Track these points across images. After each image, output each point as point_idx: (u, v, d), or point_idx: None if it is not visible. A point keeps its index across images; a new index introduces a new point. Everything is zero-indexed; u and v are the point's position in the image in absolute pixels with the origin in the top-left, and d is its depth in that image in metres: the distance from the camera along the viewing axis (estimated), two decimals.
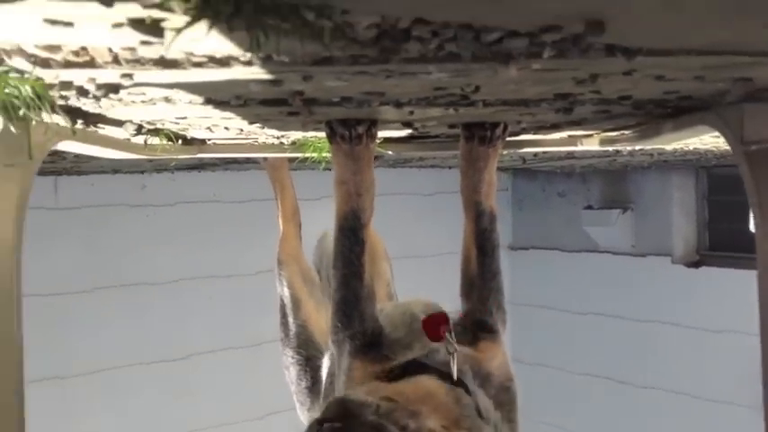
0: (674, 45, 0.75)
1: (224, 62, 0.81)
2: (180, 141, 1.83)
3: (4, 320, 1.11)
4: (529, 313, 6.06)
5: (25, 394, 1.07)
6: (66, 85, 0.89)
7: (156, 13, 0.58)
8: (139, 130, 1.54)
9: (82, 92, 0.94)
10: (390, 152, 1.98)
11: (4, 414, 1.07)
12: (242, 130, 1.68)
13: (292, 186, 2.45)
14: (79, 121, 1.30)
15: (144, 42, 0.69)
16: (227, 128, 1.62)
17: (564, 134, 1.83)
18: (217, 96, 1.09)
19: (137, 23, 0.60)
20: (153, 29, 0.60)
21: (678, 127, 1.36)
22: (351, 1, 0.58)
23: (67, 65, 0.79)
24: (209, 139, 1.92)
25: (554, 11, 0.62)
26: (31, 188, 1.18)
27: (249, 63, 0.80)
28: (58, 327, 4.22)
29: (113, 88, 0.93)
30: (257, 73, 0.84)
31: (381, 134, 1.62)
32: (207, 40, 0.63)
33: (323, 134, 1.69)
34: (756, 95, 1.10)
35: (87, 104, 1.14)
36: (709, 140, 2.36)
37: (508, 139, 1.62)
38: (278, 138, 1.87)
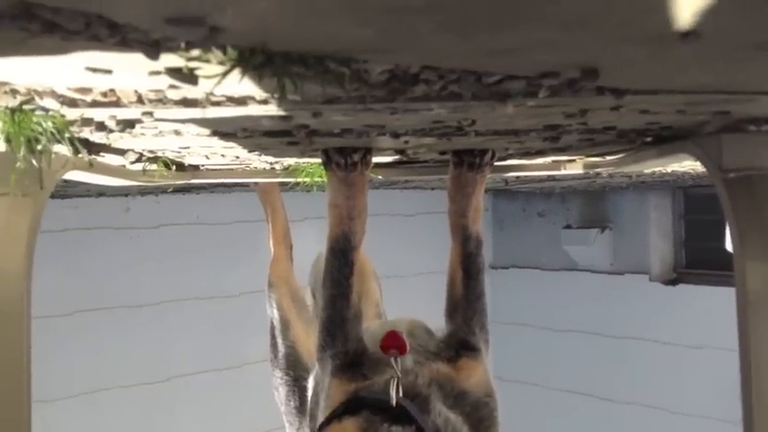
0: (660, 87, 0.82)
1: (240, 101, 0.86)
2: (174, 167, 1.88)
3: (14, 343, 1.15)
4: (509, 331, 6.12)
5: None
6: (88, 121, 0.94)
7: (193, 63, 0.63)
8: (140, 158, 1.58)
9: (100, 127, 0.99)
10: (380, 177, 2.03)
11: None
12: (238, 157, 1.73)
13: (283, 209, 2.50)
14: (83, 150, 1.34)
15: (172, 86, 0.74)
16: (223, 155, 1.67)
17: (548, 159, 1.90)
18: (224, 129, 1.14)
19: (173, 71, 0.65)
20: (188, 77, 0.66)
21: (659, 154, 1.43)
22: (370, 53, 0.64)
23: (94, 104, 0.84)
24: (203, 165, 1.97)
25: (553, 61, 0.68)
26: (42, 216, 1.22)
27: (265, 102, 0.86)
28: (40, 350, 4.20)
29: (131, 124, 0.97)
30: (271, 110, 0.90)
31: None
32: (237, 85, 0.68)
33: (316, 160, 1.75)
34: (734, 126, 1.18)
35: (97, 136, 1.18)
36: (686, 163, 2.44)
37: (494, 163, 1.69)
38: (271, 163, 1.92)
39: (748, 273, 1.21)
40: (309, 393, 2.08)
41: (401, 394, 1.40)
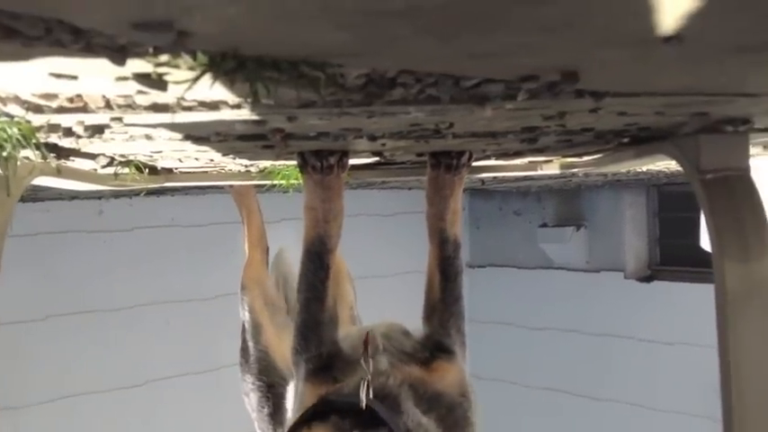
0: (640, 89, 0.81)
1: (213, 106, 0.84)
2: (147, 171, 1.84)
3: None
4: (487, 329, 6.13)
5: None
6: (55, 127, 0.91)
7: (162, 69, 0.61)
8: (111, 162, 1.55)
9: (68, 133, 0.96)
10: (357, 179, 2.01)
11: None
12: (212, 160, 1.70)
13: (259, 211, 2.47)
14: (51, 155, 1.31)
15: (141, 92, 0.72)
16: (197, 158, 1.64)
17: (525, 160, 1.89)
18: (197, 133, 1.11)
19: (141, 77, 0.63)
20: (157, 82, 0.63)
21: (637, 155, 1.42)
22: (346, 57, 0.62)
23: (60, 110, 0.81)
24: (176, 168, 1.94)
25: (533, 64, 0.67)
26: (9, 223, 1.19)
27: (238, 107, 0.83)
28: (13, 356, 4.14)
29: (100, 129, 0.95)
30: (245, 115, 0.87)
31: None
32: (208, 90, 0.66)
33: (292, 162, 1.73)
34: (711, 127, 1.17)
35: (66, 141, 1.15)
36: (661, 162, 2.45)
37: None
38: (247, 166, 1.89)
39: (727, 272, 1.20)
40: (289, 401, 2.05)
41: (371, 396, 1.39)
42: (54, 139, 1.10)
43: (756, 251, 1.16)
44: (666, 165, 2.67)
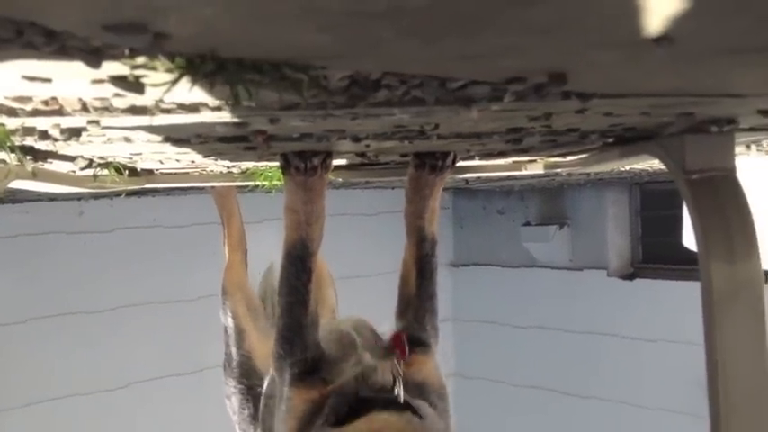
0: (628, 91, 0.80)
1: (192, 108, 0.82)
2: (127, 172, 1.82)
3: None
4: (471, 328, 6.13)
5: None
6: (30, 130, 0.89)
7: (139, 71, 0.59)
8: (90, 164, 1.52)
9: (44, 136, 0.93)
10: (340, 179, 2.00)
11: None
12: (193, 162, 1.68)
13: (239, 214, 2.45)
14: (28, 158, 1.28)
15: (118, 94, 0.70)
16: (178, 160, 1.62)
17: (510, 160, 1.88)
18: (177, 135, 1.09)
19: (117, 80, 0.61)
20: (134, 85, 0.61)
21: (622, 155, 1.42)
22: (329, 59, 0.60)
23: (35, 113, 0.79)
24: (157, 170, 1.91)
25: (520, 66, 0.65)
26: None
27: (218, 109, 0.81)
28: None
29: (77, 132, 0.92)
30: (225, 117, 0.85)
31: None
32: (187, 93, 0.64)
33: (274, 163, 1.70)
34: (696, 127, 1.17)
35: (42, 144, 1.13)
36: (645, 162, 2.44)
37: None
38: (228, 167, 1.87)
39: (713, 272, 1.20)
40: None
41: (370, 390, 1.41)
42: (30, 141, 1.07)
43: (742, 251, 1.16)
44: (650, 164, 2.67)
